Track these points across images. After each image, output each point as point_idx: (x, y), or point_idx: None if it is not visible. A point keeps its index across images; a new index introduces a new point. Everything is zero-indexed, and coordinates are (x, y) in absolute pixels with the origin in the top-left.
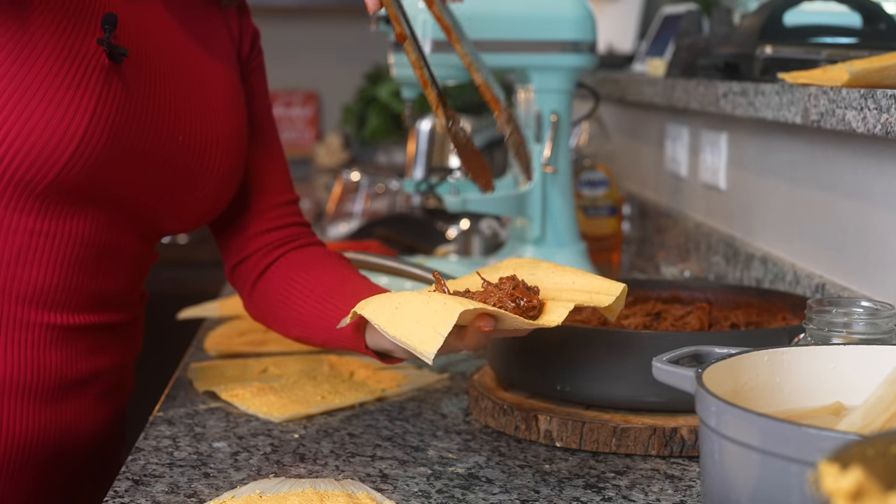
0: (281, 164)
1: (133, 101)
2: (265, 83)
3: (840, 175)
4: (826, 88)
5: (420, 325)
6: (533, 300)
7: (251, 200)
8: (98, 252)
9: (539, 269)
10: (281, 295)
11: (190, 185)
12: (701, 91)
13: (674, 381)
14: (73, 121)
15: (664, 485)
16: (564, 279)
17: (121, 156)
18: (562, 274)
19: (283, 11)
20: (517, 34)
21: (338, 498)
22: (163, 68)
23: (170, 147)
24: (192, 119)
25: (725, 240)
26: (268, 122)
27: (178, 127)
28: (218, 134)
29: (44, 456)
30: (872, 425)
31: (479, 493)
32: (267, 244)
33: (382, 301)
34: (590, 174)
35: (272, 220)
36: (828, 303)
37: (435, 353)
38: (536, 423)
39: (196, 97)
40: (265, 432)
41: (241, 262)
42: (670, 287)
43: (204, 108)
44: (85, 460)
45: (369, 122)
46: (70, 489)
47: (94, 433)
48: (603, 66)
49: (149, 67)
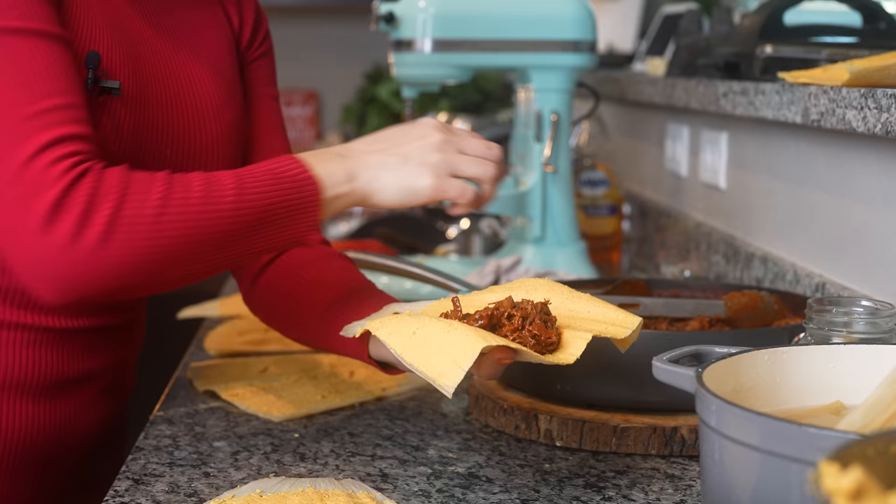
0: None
1: (120, 130)
2: (269, 72)
3: (840, 174)
4: (826, 88)
5: (439, 356)
6: (552, 335)
7: None
8: None
9: (553, 293)
10: (280, 294)
11: None
12: (701, 90)
13: (674, 381)
14: None
15: (664, 484)
16: (579, 307)
17: None
18: (577, 301)
19: (283, 11)
20: (517, 34)
21: (338, 497)
22: (149, 88)
23: (159, 161)
24: (178, 129)
25: (725, 239)
26: (269, 113)
27: (165, 139)
28: (206, 140)
29: (42, 454)
30: (872, 424)
31: (479, 492)
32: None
33: (399, 324)
34: (590, 173)
35: None
36: (828, 302)
37: (455, 386)
38: (537, 423)
39: (182, 106)
40: (265, 432)
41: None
42: (670, 286)
43: (191, 115)
44: (84, 459)
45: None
46: (70, 488)
47: (93, 431)
48: (603, 65)
49: (135, 92)
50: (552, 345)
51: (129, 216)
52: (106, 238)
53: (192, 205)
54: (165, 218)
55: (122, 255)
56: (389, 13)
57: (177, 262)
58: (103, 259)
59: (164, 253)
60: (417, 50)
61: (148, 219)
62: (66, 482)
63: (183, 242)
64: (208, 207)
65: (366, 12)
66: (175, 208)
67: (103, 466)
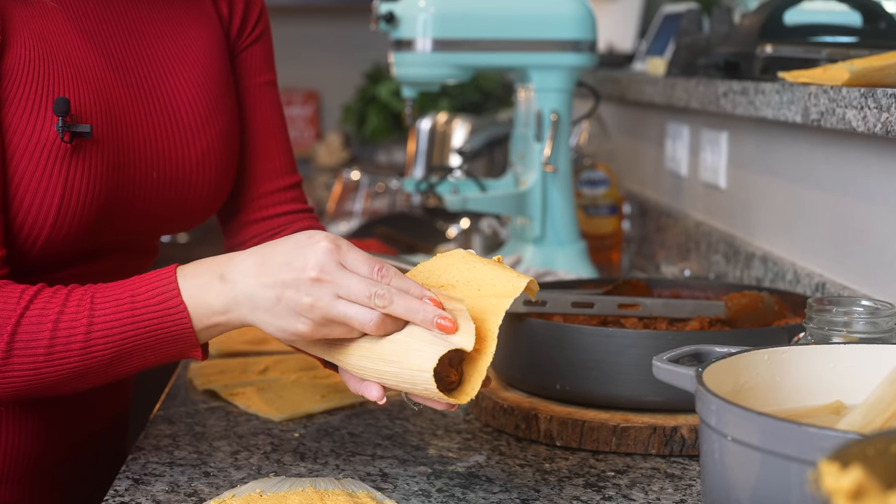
0: (278, 147)
1: (94, 172)
2: (263, 57)
3: (840, 174)
4: (826, 87)
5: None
6: (452, 374)
7: (243, 189)
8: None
9: (459, 265)
10: None
11: (177, 206)
12: (701, 90)
13: (674, 381)
14: (40, 211)
15: (664, 484)
16: (477, 276)
17: (98, 219)
18: (477, 271)
19: (283, 10)
20: (517, 33)
21: (338, 497)
22: (123, 123)
23: (146, 187)
24: (162, 155)
25: (726, 239)
26: (264, 104)
27: (148, 166)
28: (194, 155)
29: (47, 460)
30: (872, 424)
31: (479, 492)
32: (261, 233)
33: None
34: (590, 173)
35: (266, 209)
36: (828, 302)
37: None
38: (537, 423)
39: (163, 129)
40: (265, 431)
41: (236, 247)
42: (671, 286)
43: (175, 137)
44: (85, 459)
45: (369, 121)
46: (70, 488)
47: (95, 432)
48: (603, 65)
49: (108, 132)
50: (452, 384)
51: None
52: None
53: (38, 356)
54: (10, 368)
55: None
56: (389, 13)
57: (34, 394)
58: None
59: (14, 392)
60: (417, 50)
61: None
62: (68, 483)
63: (36, 384)
64: (53, 358)
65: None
66: (19, 360)
67: (103, 466)
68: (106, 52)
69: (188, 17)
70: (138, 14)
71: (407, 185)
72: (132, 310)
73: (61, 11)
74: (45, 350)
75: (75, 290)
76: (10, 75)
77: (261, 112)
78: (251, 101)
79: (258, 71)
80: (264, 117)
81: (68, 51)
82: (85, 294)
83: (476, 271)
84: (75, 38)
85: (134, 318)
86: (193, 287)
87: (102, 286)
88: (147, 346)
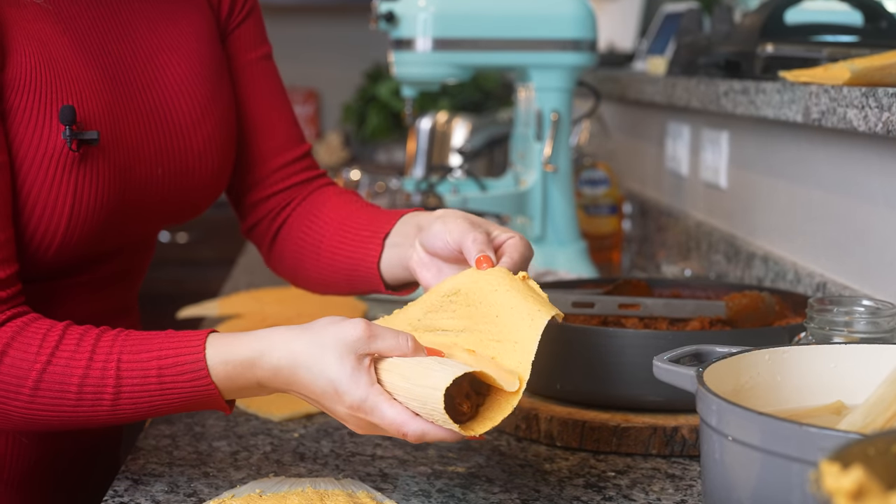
0: (281, 120)
1: (101, 178)
2: (254, 34)
3: (841, 174)
4: (827, 87)
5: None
6: (464, 405)
7: (253, 167)
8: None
9: (498, 292)
10: (294, 258)
11: (184, 196)
12: (702, 89)
13: (674, 381)
14: (51, 221)
15: (665, 484)
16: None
17: (108, 221)
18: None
19: (283, 10)
20: (518, 32)
21: (338, 497)
22: (129, 122)
23: (151, 184)
24: (167, 148)
25: (726, 238)
26: (260, 80)
27: (154, 163)
28: (196, 146)
29: (49, 464)
30: (873, 424)
31: (479, 492)
32: (274, 208)
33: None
34: (590, 173)
35: (278, 183)
36: (829, 302)
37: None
38: (537, 423)
39: (165, 122)
40: (265, 431)
41: (253, 227)
42: (671, 286)
43: (177, 128)
44: (85, 459)
45: (369, 121)
46: (70, 488)
47: (96, 432)
48: (603, 64)
49: (113, 136)
50: (462, 415)
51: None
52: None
53: (67, 404)
54: (35, 407)
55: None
56: (389, 12)
57: (59, 429)
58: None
59: (41, 426)
60: (417, 49)
61: (21, 403)
62: (67, 483)
63: (60, 425)
64: (80, 411)
65: (366, 11)
66: (45, 401)
67: (103, 466)
68: (101, 52)
69: (179, 6)
70: (130, 9)
71: (407, 184)
72: (160, 383)
73: (53, 13)
74: (73, 402)
75: (99, 349)
76: (13, 85)
77: (259, 88)
78: (248, 78)
79: (250, 47)
80: (263, 93)
81: (66, 55)
82: (110, 356)
83: (498, 305)
84: (70, 41)
85: (163, 391)
86: (226, 379)
87: (127, 346)
88: (176, 409)
